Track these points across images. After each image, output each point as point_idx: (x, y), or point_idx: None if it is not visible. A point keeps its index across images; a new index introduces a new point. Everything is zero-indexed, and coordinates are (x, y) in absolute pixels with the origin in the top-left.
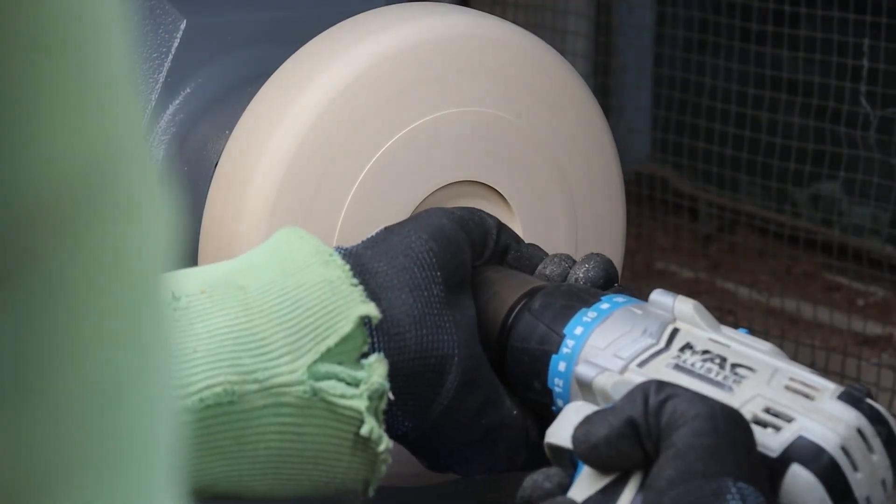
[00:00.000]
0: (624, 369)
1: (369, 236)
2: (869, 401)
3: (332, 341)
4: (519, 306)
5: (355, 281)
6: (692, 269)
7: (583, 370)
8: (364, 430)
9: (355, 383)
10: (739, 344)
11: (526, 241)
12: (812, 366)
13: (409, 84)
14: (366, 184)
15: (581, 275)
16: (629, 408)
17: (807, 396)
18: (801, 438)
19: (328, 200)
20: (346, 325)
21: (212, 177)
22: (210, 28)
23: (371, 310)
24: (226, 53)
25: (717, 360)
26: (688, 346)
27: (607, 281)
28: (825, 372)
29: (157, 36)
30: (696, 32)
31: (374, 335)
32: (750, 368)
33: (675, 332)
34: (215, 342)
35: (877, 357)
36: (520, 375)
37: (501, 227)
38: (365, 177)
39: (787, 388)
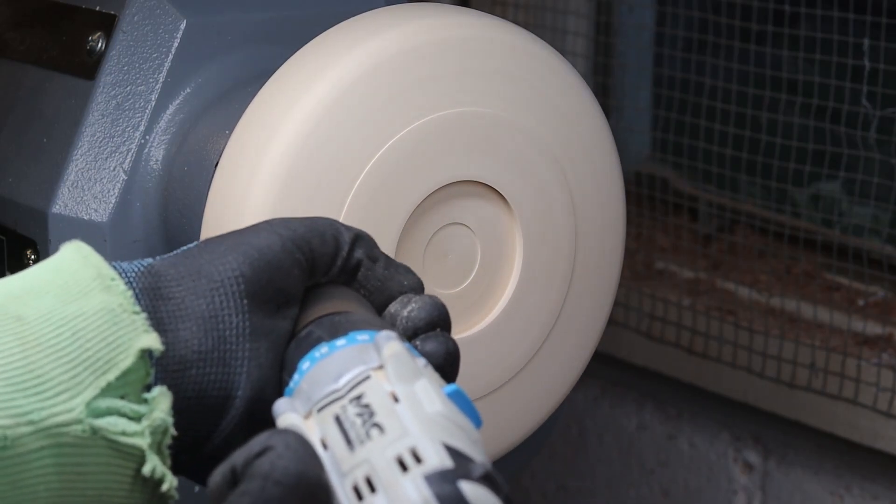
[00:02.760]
0: (308, 413)
1: (184, 248)
2: (464, 484)
3: (111, 376)
4: (298, 335)
5: (138, 308)
6: (692, 269)
7: (275, 407)
8: (146, 469)
9: (137, 418)
10: (408, 401)
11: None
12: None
13: (410, 84)
14: (366, 184)
15: (405, 314)
16: (237, 455)
17: (405, 469)
18: None
19: (329, 200)
20: (127, 359)
21: (212, 177)
22: (210, 28)
23: (153, 341)
24: (226, 53)
25: (366, 416)
26: (358, 397)
27: (429, 324)
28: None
29: (157, 36)
30: (696, 32)
31: (156, 367)
32: (381, 429)
33: (364, 379)
34: None
35: (877, 357)
36: None
37: (356, 243)
38: (365, 177)
39: (397, 457)
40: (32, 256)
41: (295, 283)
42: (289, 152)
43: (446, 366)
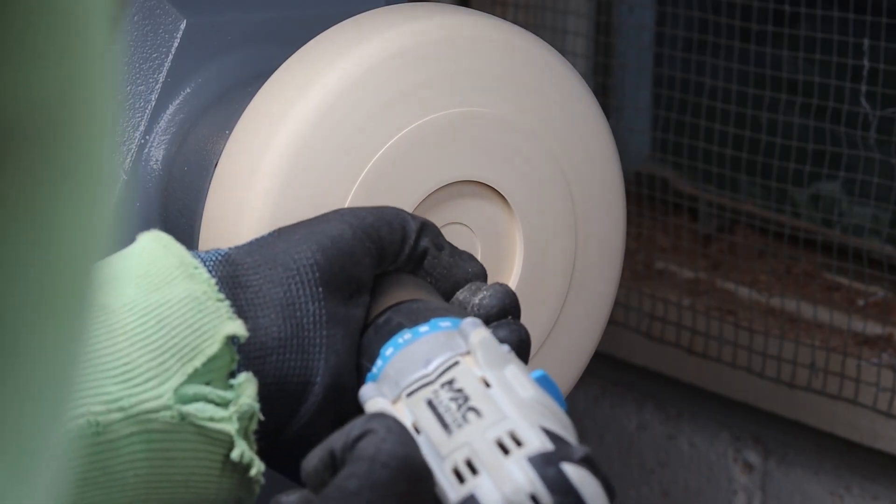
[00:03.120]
0: (397, 398)
1: (259, 236)
2: (566, 466)
3: (198, 362)
4: (376, 321)
5: (221, 296)
6: (692, 269)
7: (362, 393)
8: (234, 454)
9: (224, 404)
10: (501, 386)
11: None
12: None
13: (410, 84)
14: (366, 184)
15: (476, 301)
16: (334, 439)
17: (506, 452)
18: (471, 497)
19: (329, 201)
20: (213, 346)
21: (212, 177)
22: (210, 28)
23: (238, 328)
24: (226, 54)
25: (460, 400)
26: (449, 382)
27: (501, 311)
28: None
29: (157, 36)
30: (696, 32)
31: (239, 355)
32: (478, 413)
33: (453, 365)
34: None
35: (877, 357)
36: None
37: (423, 232)
38: (365, 177)
39: (497, 440)
40: None
41: (366, 270)
42: (288, 152)
43: (519, 353)
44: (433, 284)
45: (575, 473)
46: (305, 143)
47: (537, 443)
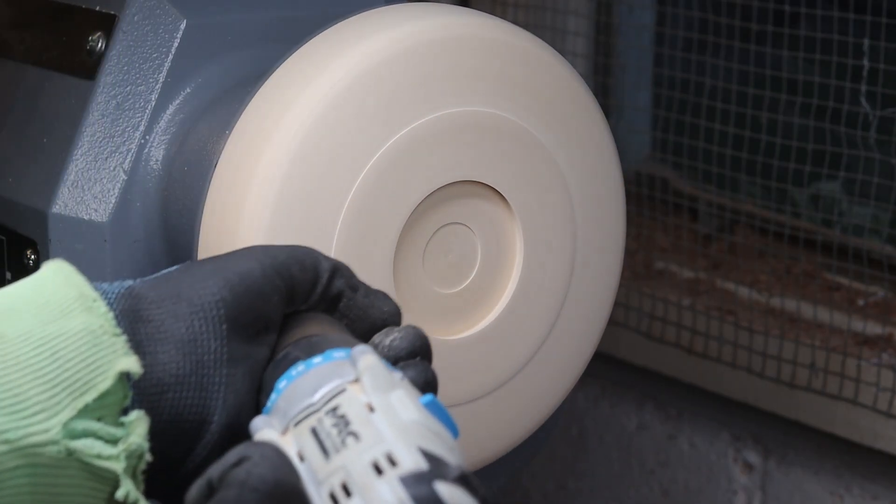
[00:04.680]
0: (285, 428)
1: (165, 271)
2: (439, 484)
3: (89, 397)
4: (275, 357)
5: (118, 331)
6: (692, 269)
7: (252, 425)
8: (120, 494)
9: (114, 441)
10: (384, 410)
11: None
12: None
13: (409, 84)
14: (366, 184)
15: (387, 343)
16: (213, 468)
17: (380, 472)
18: None
19: (328, 201)
20: (105, 381)
21: (211, 177)
22: (210, 28)
23: (132, 364)
24: (226, 54)
25: (341, 426)
26: (334, 409)
27: (411, 353)
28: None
29: (157, 36)
30: (696, 32)
31: (133, 390)
32: (357, 437)
33: (339, 392)
34: None
35: (877, 357)
36: None
37: (335, 274)
38: (364, 177)
39: (373, 462)
40: (32, 256)
41: (274, 309)
42: (288, 153)
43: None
44: (349, 326)
45: (447, 492)
46: (305, 143)
47: (411, 463)
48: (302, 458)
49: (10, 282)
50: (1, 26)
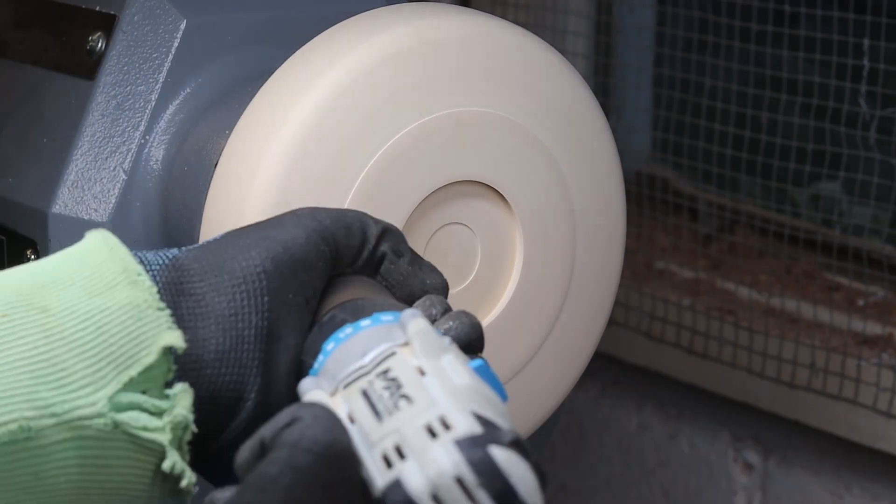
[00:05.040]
0: (334, 390)
1: (210, 239)
2: (494, 448)
3: (134, 371)
4: (321, 320)
5: (162, 305)
6: (692, 269)
7: (300, 387)
8: (166, 465)
9: (159, 414)
10: (436, 374)
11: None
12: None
13: (410, 84)
14: (366, 184)
15: (442, 329)
16: (265, 429)
17: (434, 436)
18: (396, 482)
19: (328, 201)
20: (150, 355)
21: (211, 177)
22: (210, 28)
23: (176, 339)
24: (226, 53)
25: (393, 389)
26: (384, 371)
27: (467, 346)
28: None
29: (157, 36)
30: (697, 32)
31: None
32: (410, 400)
33: (390, 355)
34: (12, 375)
35: (877, 357)
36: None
37: (384, 237)
38: (365, 177)
39: (426, 425)
40: (32, 256)
41: (319, 276)
42: (288, 153)
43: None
44: (389, 291)
45: (503, 456)
46: (305, 143)
47: (465, 426)
48: (353, 420)
49: None
50: (1, 26)
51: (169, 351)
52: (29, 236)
